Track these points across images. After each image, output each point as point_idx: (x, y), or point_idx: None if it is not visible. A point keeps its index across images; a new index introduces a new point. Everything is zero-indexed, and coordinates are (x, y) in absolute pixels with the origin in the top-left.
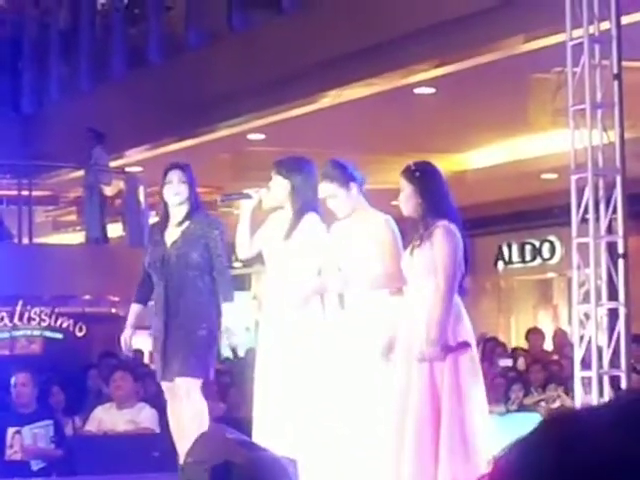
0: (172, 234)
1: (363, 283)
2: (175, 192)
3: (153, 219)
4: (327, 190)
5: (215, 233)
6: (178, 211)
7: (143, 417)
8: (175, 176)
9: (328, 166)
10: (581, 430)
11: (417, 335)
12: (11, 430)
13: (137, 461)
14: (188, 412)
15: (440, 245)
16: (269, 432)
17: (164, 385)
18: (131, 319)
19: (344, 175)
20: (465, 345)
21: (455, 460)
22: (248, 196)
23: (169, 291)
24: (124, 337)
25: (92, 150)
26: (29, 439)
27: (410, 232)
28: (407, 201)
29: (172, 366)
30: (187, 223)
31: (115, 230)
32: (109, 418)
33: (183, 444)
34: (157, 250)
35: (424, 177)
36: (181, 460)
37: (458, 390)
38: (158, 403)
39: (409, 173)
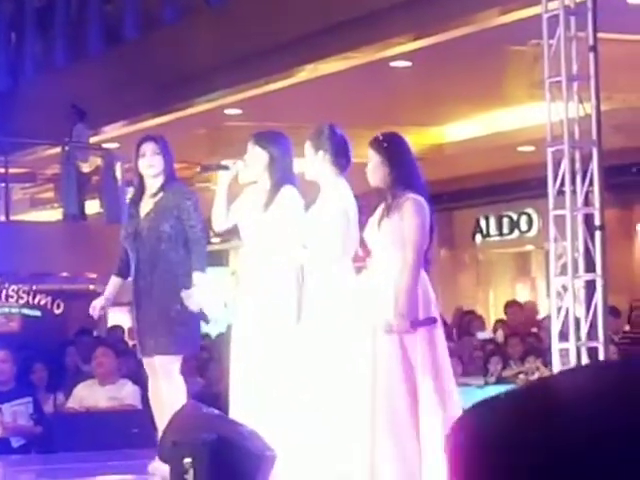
0: (146, 206)
1: (323, 257)
2: (149, 164)
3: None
4: (307, 153)
5: (187, 203)
6: (153, 183)
7: (125, 393)
8: (149, 148)
9: (315, 130)
10: (562, 400)
11: (383, 307)
12: None
13: (117, 437)
14: (166, 390)
15: (410, 218)
16: (245, 408)
17: (145, 361)
18: (108, 290)
19: (323, 139)
20: (434, 320)
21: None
22: (225, 167)
23: (141, 264)
24: (94, 304)
25: (73, 127)
26: (8, 416)
27: (376, 202)
28: (375, 171)
29: (149, 343)
30: (161, 194)
31: (93, 207)
32: (91, 395)
33: (163, 421)
34: (131, 223)
35: (392, 147)
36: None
37: (435, 364)
38: (139, 379)
39: (377, 143)
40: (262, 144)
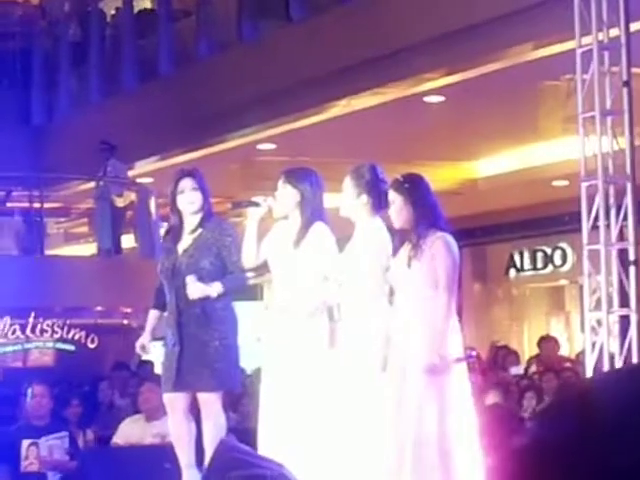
0: (184, 242)
1: (357, 293)
2: (189, 200)
3: (164, 229)
4: (344, 190)
5: (228, 240)
6: (192, 219)
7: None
8: (187, 184)
9: (358, 168)
10: (600, 399)
11: (414, 347)
12: (26, 442)
13: (148, 473)
14: (210, 428)
15: (442, 257)
16: (274, 444)
17: (166, 397)
18: (149, 325)
19: (365, 181)
20: (470, 356)
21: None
22: (256, 204)
23: (179, 300)
24: (141, 342)
25: (107, 162)
26: (45, 451)
27: (400, 243)
28: (399, 213)
29: (186, 379)
30: (200, 230)
31: (127, 241)
32: (137, 431)
33: (187, 457)
34: (169, 258)
35: (414, 188)
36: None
37: (463, 401)
38: None
39: (398, 185)
40: (292, 182)
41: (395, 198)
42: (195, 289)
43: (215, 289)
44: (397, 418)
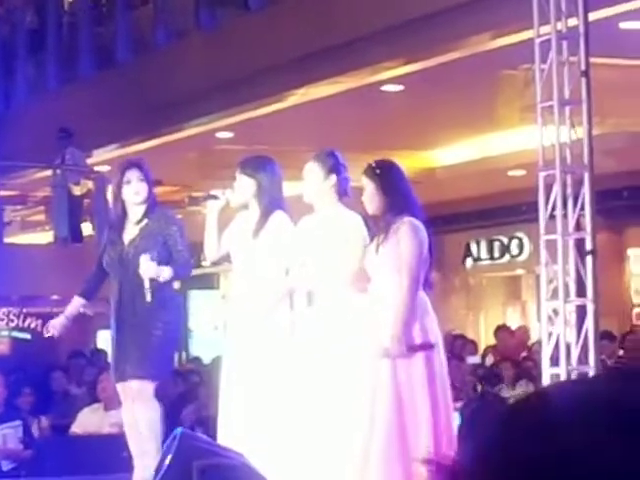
0: (130, 232)
1: (330, 280)
2: (135, 191)
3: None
4: (310, 175)
5: (173, 229)
6: (137, 210)
7: None
8: (134, 175)
9: (323, 152)
10: (550, 420)
11: (381, 332)
12: None
13: (105, 461)
14: (142, 415)
15: (406, 241)
16: (234, 434)
17: (118, 386)
18: (70, 309)
19: (331, 164)
20: (431, 345)
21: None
22: (215, 197)
23: (125, 290)
24: (52, 323)
25: (65, 150)
26: None
27: (373, 229)
28: (371, 199)
29: (126, 367)
30: (145, 221)
31: (84, 230)
32: (95, 420)
33: (137, 446)
34: (114, 249)
35: (386, 174)
36: (150, 462)
37: (432, 389)
38: None
39: (370, 171)
40: (248, 172)
41: (367, 184)
42: (149, 267)
43: (166, 272)
44: (370, 404)
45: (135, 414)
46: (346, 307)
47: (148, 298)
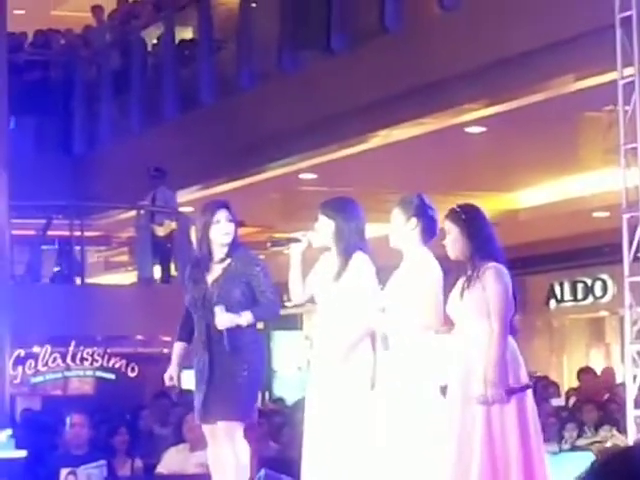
0: (213, 273)
1: (408, 324)
2: (225, 232)
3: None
4: (393, 219)
5: (257, 270)
6: (222, 250)
7: None
8: (223, 215)
9: (407, 196)
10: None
11: (473, 377)
12: (64, 471)
13: None
14: (230, 456)
15: (492, 286)
16: (318, 475)
17: (205, 427)
18: (175, 357)
19: (414, 207)
20: (527, 387)
21: None
22: (297, 240)
23: (211, 330)
24: (169, 374)
25: (156, 189)
26: (83, 479)
27: (455, 274)
28: (454, 244)
29: (214, 409)
30: (228, 261)
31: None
32: (180, 461)
33: None
34: (198, 288)
35: (470, 219)
36: None
37: (525, 432)
38: None
39: (455, 215)
40: (328, 213)
41: (451, 229)
42: (224, 319)
43: (245, 318)
44: (456, 449)
45: (222, 455)
46: (424, 350)
47: (227, 347)
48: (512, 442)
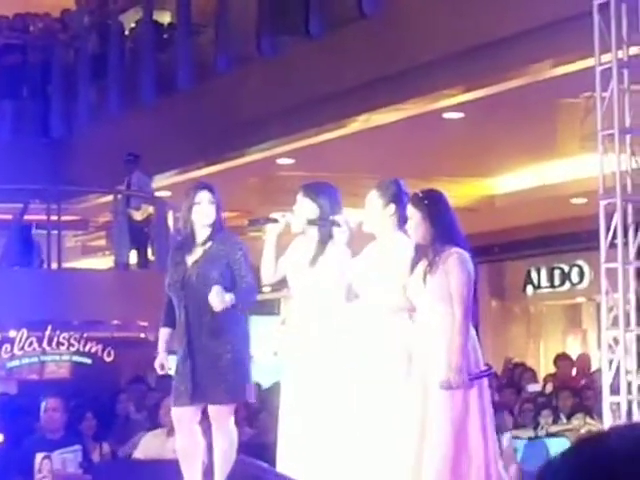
0: (194, 254)
1: (378, 307)
2: (206, 213)
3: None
4: (369, 203)
5: (239, 253)
6: (203, 232)
7: None
8: (205, 197)
9: (385, 181)
10: (610, 454)
11: (433, 362)
12: (39, 455)
13: None
14: (221, 442)
15: (455, 272)
16: (293, 460)
17: (175, 411)
18: (162, 343)
19: (392, 193)
20: (488, 372)
21: None
22: (275, 220)
23: (190, 312)
24: (160, 361)
25: (131, 174)
26: (58, 464)
27: (417, 257)
28: (416, 228)
29: (201, 392)
30: (210, 243)
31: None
32: (158, 445)
33: (194, 473)
34: (177, 271)
35: (432, 204)
36: None
37: (484, 417)
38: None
39: (417, 200)
40: (311, 196)
41: (413, 213)
42: (222, 300)
43: (229, 298)
44: (418, 434)
45: (215, 440)
46: (398, 336)
47: (211, 329)
48: (473, 427)
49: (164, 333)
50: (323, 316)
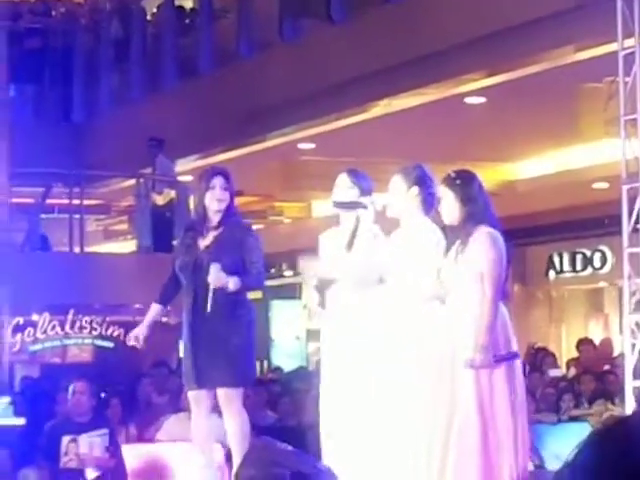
0: (206, 239)
1: (410, 293)
2: (219, 198)
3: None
4: (393, 187)
5: (250, 240)
6: (215, 217)
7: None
8: (219, 182)
9: (409, 165)
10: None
11: (462, 341)
12: (66, 438)
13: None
14: (232, 425)
15: (486, 251)
16: (332, 439)
17: (190, 394)
18: (149, 317)
19: (415, 177)
20: (515, 355)
21: (504, 465)
22: (363, 205)
23: (200, 296)
24: (135, 334)
25: (155, 159)
26: (85, 447)
27: (450, 239)
28: (449, 209)
29: (208, 375)
30: (221, 229)
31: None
32: (180, 428)
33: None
34: (189, 254)
35: (465, 184)
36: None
37: (512, 399)
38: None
39: (450, 181)
40: (354, 180)
41: (446, 193)
42: (218, 277)
43: (233, 282)
44: (449, 415)
45: (226, 423)
46: (430, 319)
47: (208, 308)
48: (501, 408)
49: (154, 309)
50: (359, 300)
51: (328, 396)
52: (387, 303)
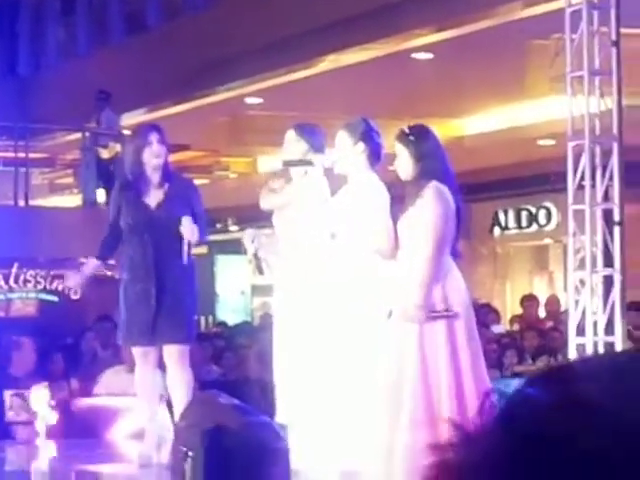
0: (155, 196)
1: (359, 249)
2: (157, 154)
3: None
4: (339, 142)
5: (195, 195)
6: (155, 173)
7: None
8: (155, 137)
9: (353, 120)
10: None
11: (404, 297)
12: (8, 393)
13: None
14: (180, 378)
15: (430, 206)
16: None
17: (136, 350)
18: (87, 270)
19: (361, 131)
20: (451, 314)
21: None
22: (310, 163)
23: (157, 254)
24: (70, 285)
25: (101, 112)
26: (30, 401)
27: (407, 195)
28: (403, 165)
29: (160, 332)
30: (167, 185)
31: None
32: (119, 382)
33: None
34: (140, 212)
35: (418, 140)
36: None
37: (455, 356)
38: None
39: (403, 137)
40: (303, 136)
41: (400, 150)
42: (193, 229)
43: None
44: (398, 369)
45: (172, 378)
46: (373, 273)
47: (185, 260)
48: (442, 363)
49: (92, 263)
50: (309, 256)
51: (281, 350)
52: (337, 258)
